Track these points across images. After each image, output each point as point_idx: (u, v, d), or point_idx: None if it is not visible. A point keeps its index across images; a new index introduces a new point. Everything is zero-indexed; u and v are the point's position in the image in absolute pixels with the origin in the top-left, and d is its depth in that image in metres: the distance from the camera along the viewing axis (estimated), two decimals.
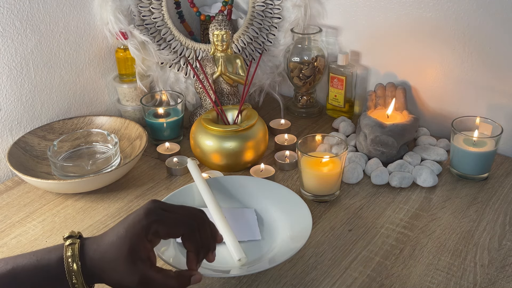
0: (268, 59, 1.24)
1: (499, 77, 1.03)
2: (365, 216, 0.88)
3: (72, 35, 1.08)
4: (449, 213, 0.89)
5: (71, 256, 0.59)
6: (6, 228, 0.87)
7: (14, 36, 0.98)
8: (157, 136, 1.10)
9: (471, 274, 0.76)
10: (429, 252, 0.80)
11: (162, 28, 1.17)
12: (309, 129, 1.18)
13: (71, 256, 0.59)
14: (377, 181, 0.96)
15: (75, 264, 0.59)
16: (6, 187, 0.98)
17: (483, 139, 0.96)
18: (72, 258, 0.59)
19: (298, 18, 1.19)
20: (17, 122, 1.03)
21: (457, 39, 1.05)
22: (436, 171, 0.98)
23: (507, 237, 0.83)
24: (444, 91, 1.11)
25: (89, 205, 0.92)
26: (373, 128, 1.00)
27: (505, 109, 1.04)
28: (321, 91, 1.28)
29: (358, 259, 0.79)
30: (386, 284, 0.74)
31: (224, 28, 1.06)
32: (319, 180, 0.90)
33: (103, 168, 0.95)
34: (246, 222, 0.84)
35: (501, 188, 0.95)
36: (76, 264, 0.59)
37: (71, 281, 0.59)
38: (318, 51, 1.18)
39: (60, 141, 1.01)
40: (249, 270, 0.73)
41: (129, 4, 1.13)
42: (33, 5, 0.99)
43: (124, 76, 1.15)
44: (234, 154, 0.97)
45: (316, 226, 0.86)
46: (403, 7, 1.09)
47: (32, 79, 1.03)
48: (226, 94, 1.11)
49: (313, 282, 0.74)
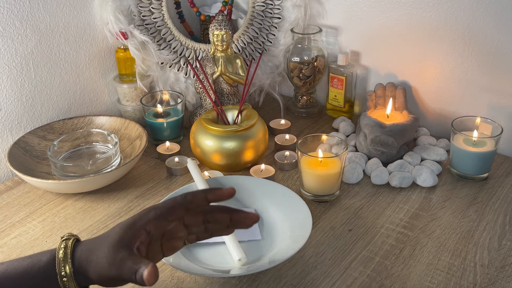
0: (268, 59, 1.24)
1: (499, 77, 1.03)
2: (365, 216, 0.88)
3: (72, 35, 1.08)
4: (449, 213, 0.89)
5: (64, 248, 0.60)
6: (6, 228, 0.87)
7: (14, 36, 0.98)
8: (157, 136, 1.10)
9: (471, 274, 0.76)
10: (429, 252, 0.80)
11: (162, 28, 1.17)
12: (309, 129, 1.18)
13: (64, 248, 0.60)
14: (377, 181, 0.96)
15: (64, 253, 0.60)
16: (6, 187, 0.98)
17: (483, 139, 0.96)
18: (64, 249, 0.60)
19: (298, 18, 1.19)
20: (17, 122, 1.03)
21: (457, 39, 1.05)
22: (436, 171, 0.98)
23: (507, 237, 0.83)
24: (444, 91, 1.11)
25: (89, 205, 0.92)
26: (373, 128, 1.00)
27: (505, 109, 1.04)
28: (321, 91, 1.28)
29: (358, 259, 0.79)
30: (386, 284, 0.74)
31: (224, 28, 1.06)
32: (319, 180, 0.90)
33: (103, 168, 0.95)
34: None
35: (501, 188, 0.95)
36: (65, 253, 0.60)
37: (59, 274, 0.59)
38: (318, 51, 1.18)
39: (60, 141, 1.01)
40: (249, 270, 0.73)
41: (129, 4, 1.13)
42: (33, 5, 0.99)
43: (124, 76, 1.15)
44: (234, 154, 0.97)
45: (316, 226, 0.86)
46: (403, 7, 1.09)
47: (32, 79, 1.03)
48: (226, 94, 1.11)
49: (313, 282, 0.74)
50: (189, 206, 0.63)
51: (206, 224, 0.65)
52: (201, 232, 0.66)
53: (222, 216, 0.65)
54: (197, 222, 0.65)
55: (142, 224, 0.61)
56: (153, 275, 0.55)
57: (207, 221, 0.65)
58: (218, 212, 0.65)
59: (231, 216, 0.65)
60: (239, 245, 0.78)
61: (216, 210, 0.65)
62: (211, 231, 0.66)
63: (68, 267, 0.59)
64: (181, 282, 0.75)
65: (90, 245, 0.61)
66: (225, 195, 0.64)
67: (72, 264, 0.59)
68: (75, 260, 0.60)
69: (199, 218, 0.65)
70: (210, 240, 0.79)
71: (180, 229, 0.64)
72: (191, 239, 0.66)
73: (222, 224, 0.66)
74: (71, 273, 0.59)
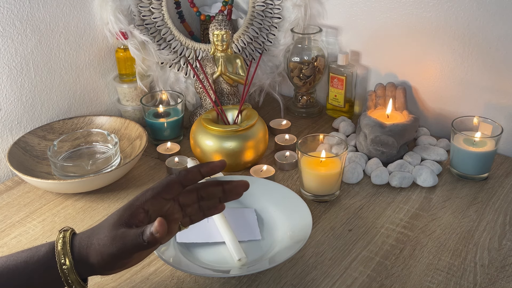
0: (268, 59, 1.24)
1: (499, 77, 1.03)
2: (365, 216, 0.88)
3: (72, 35, 1.08)
4: (449, 213, 0.89)
5: (62, 237, 0.61)
6: (6, 228, 0.87)
7: (14, 36, 0.98)
8: (157, 136, 1.10)
9: (471, 274, 0.76)
10: (429, 252, 0.80)
11: (162, 28, 1.17)
12: (309, 129, 1.18)
13: (62, 237, 0.61)
14: (377, 181, 0.96)
15: (63, 242, 0.61)
16: (6, 187, 0.98)
17: (483, 139, 0.96)
18: (63, 239, 0.61)
19: (298, 18, 1.19)
20: (17, 122, 1.03)
21: (457, 39, 1.05)
22: (436, 171, 0.98)
23: (507, 237, 0.83)
24: (444, 91, 1.11)
25: (89, 205, 0.92)
26: (373, 128, 1.00)
27: (505, 109, 1.04)
28: (321, 91, 1.28)
29: (358, 259, 0.79)
30: (386, 284, 0.74)
31: (224, 28, 1.06)
32: (319, 180, 0.90)
33: (103, 168, 0.95)
34: (246, 222, 0.84)
35: (501, 188, 0.95)
36: (63, 242, 0.61)
37: (59, 262, 0.59)
38: (318, 51, 1.18)
39: (60, 142, 1.01)
40: (249, 270, 0.73)
41: (129, 4, 1.13)
42: (33, 5, 0.99)
43: (124, 76, 1.15)
44: (234, 154, 0.97)
45: (316, 226, 0.86)
46: (403, 7, 1.09)
47: (32, 79, 1.03)
48: (226, 94, 1.11)
49: (313, 282, 0.74)
50: (184, 182, 0.64)
51: (200, 201, 0.67)
52: (195, 212, 0.67)
53: (214, 189, 0.67)
54: (192, 200, 0.66)
55: (140, 204, 0.61)
56: (163, 225, 0.56)
57: (201, 197, 0.66)
58: (210, 186, 0.67)
59: (223, 186, 0.66)
60: (239, 245, 0.78)
61: (209, 184, 0.67)
62: (204, 209, 0.67)
63: (67, 257, 0.60)
64: (181, 282, 0.75)
65: (89, 232, 0.62)
66: (218, 166, 0.65)
67: (72, 252, 0.60)
68: (75, 247, 0.61)
69: (193, 195, 0.66)
70: (210, 240, 0.80)
71: (176, 210, 0.65)
72: (185, 222, 0.67)
73: (215, 199, 0.67)
74: (70, 263, 0.60)
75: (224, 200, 0.68)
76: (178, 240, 0.79)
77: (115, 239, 0.58)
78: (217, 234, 0.81)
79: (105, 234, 0.59)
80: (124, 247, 0.58)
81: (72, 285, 0.60)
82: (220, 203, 0.68)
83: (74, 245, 0.61)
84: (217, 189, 0.66)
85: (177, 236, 0.80)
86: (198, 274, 0.72)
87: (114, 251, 0.58)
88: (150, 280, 0.75)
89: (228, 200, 0.68)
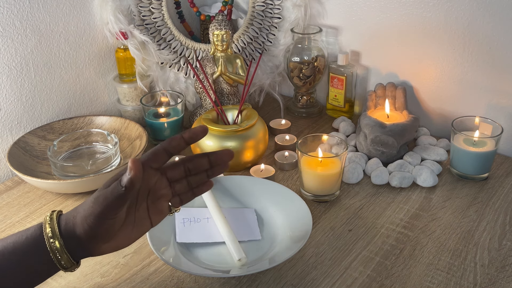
0: (268, 59, 1.24)
1: (499, 77, 1.03)
2: (365, 216, 0.88)
3: (72, 35, 1.08)
4: (449, 213, 0.89)
5: (50, 215, 0.63)
6: (6, 228, 0.87)
7: (14, 36, 0.98)
8: (157, 136, 1.10)
9: (471, 274, 0.76)
10: (429, 252, 0.80)
11: (162, 28, 1.17)
12: (309, 129, 1.18)
13: (50, 215, 0.63)
14: (377, 181, 0.96)
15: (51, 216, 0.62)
16: (6, 187, 0.98)
17: (483, 139, 0.96)
18: (50, 215, 0.62)
19: (298, 18, 1.19)
20: (17, 122, 1.03)
21: (457, 39, 1.05)
22: (436, 171, 0.98)
23: (507, 237, 0.83)
24: (444, 91, 1.11)
25: None
26: (373, 128, 1.00)
27: (505, 109, 1.04)
28: (321, 91, 1.28)
29: (358, 259, 0.79)
30: (386, 284, 0.74)
31: (224, 28, 1.06)
32: (319, 180, 0.90)
33: (103, 168, 0.95)
34: (246, 222, 0.84)
35: (501, 188, 0.95)
36: (51, 216, 0.62)
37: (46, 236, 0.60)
38: (318, 51, 1.18)
39: (60, 142, 1.01)
40: (249, 270, 0.73)
41: (129, 4, 1.13)
42: (33, 5, 0.99)
43: (124, 76, 1.15)
44: (234, 154, 0.97)
45: (316, 226, 0.86)
46: (403, 7, 1.09)
47: (32, 79, 1.03)
48: (226, 94, 1.11)
49: (313, 282, 0.74)
50: (169, 149, 0.63)
51: (187, 177, 0.67)
52: (184, 189, 0.67)
53: (201, 161, 0.66)
54: (179, 174, 0.66)
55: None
56: (135, 162, 0.57)
57: (188, 170, 0.66)
58: (196, 158, 0.67)
59: (209, 157, 0.66)
60: (239, 245, 0.78)
61: (194, 156, 0.67)
62: (193, 186, 0.67)
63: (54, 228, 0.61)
64: (181, 282, 0.75)
65: (75, 207, 0.63)
66: (199, 131, 0.65)
67: (59, 225, 0.61)
68: (61, 220, 0.62)
69: (180, 168, 0.66)
70: (210, 240, 0.80)
71: (163, 185, 0.65)
72: (175, 202, 0.67)
73: (202, 174, 0.67)
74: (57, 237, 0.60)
75: (212, 174, 0.68)
76: (178, 240, 0.79)
77: (97, 198, 0.59)
78: (217, 234, 0.81)
79: (89, 200, 0.61)
80: (105, 201, 0.58)
81: (61, 260, 0.61)
82: (208, 178, 0.68)
83: (61, 219, 0.62)
84: (203, 160, 0.66)
85: (177, 236, 0.80)
86: (198, 274, 0.72)
87: (97, 210, 0.59)
88: (150, 280, 0.75)
89: (215, 173, 0.67)
